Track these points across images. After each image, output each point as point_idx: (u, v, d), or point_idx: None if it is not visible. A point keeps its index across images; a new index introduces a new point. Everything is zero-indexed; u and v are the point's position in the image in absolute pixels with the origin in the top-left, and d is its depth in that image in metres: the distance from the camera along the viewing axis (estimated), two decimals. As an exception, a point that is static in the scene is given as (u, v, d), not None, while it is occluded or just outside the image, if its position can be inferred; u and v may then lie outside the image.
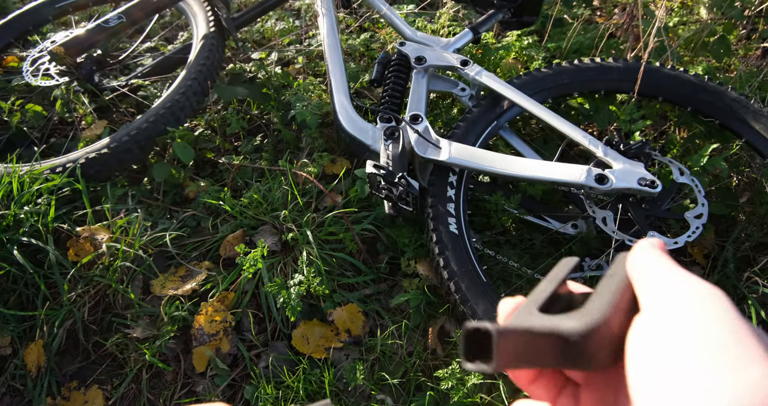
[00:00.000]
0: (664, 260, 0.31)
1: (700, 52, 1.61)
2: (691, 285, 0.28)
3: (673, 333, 0.26)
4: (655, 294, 0.29)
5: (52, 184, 1.36)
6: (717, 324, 0.25)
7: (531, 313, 0.31)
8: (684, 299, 0.27)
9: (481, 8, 1.57)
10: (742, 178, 1.41)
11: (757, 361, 0.23)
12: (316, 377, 1.11)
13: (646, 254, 0.32)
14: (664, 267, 0.30)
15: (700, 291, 0.27)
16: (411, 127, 1.22)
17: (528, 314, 0.31)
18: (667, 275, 0.29)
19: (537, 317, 0.31)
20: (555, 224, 1.28)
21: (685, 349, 0.25)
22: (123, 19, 1.63)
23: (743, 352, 0.24)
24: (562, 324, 0.29)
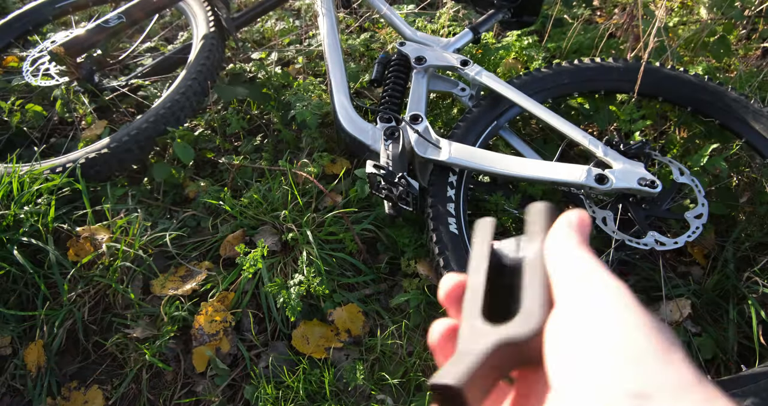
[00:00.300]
0: (579, 247, 0.32)
1: (700, 52, 1.61)
2: (598, 280, 0.29)
3: (582, 329, 0.27)
4: (567, 289, 0.30)
5: (52, 184, 1.36)
6: (621, 321, 0.27)
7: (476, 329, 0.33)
8: (591, 296, 0.28)
9: (481, 8, 1.57)
10: (742, 178, 1.41)
11: (655, 355, 0.25)
12: (316, 377, 1.11)
13: (562, 241, 0.33)
14: (575, 258, 0.31)
15: (606, 287, 0.29)
16: (411, 127, 1.22)
17: (475, 333, 0.33)
18: (577, 268, 0.30)
19: (485, 333, 0.33)
20: (555, 224, 1.28)
21: (592, 345, 0.26)
22: (123, 19, 1.63)
23: (643, 347, 0.25)
24: (511, 333, 0.31)
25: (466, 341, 0.34)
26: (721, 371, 1.13)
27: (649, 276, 1.25)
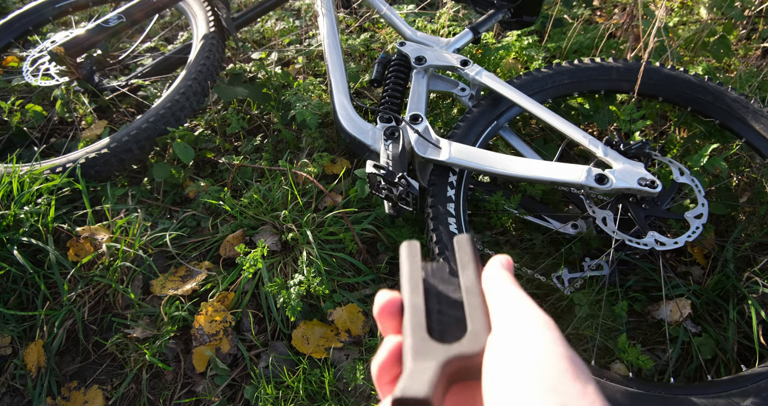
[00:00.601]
0: (508, 284, 0.38)
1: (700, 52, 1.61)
2: (529, 315, 0.34)
3: (513, 357, 0.32)
4: (504, 320, 0.35)
5: (52, 185, 1.36)
6: (544, 354, 0.31)
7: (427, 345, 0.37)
8: (523, 331, 0.33)
9: (481, 8, 1.57)
10: (742, 178, 1.41)
11: (573, 385, 0.30)
12: (316, 377, 1.11)
13: (498, 276, 0.39)
14: (511, 293, 0.37)
15: (536, 322, 0.34)
16: (411, 127, 1.22)
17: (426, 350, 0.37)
18: (514, 302, 0.36)
19: (436, 349, 0.36)
20: (555, 224, 1.28)
21: (520, 372, 0.31)
22: (123, 19, 1.63)
23: (562, 378, 0.30)
24: (463, 350, 0.36)
25: (417, 356, 0.36)
26: (721, 371, 1.13)
27: (649, 276, 1.25)
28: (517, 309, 0.35)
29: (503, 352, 0.33)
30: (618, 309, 1.15)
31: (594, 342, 1.13)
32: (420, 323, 0.38)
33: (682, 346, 1.16)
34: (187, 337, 1.22)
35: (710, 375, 1.11)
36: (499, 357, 0.33)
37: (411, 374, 0.35)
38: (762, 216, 1.30)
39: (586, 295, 1.17)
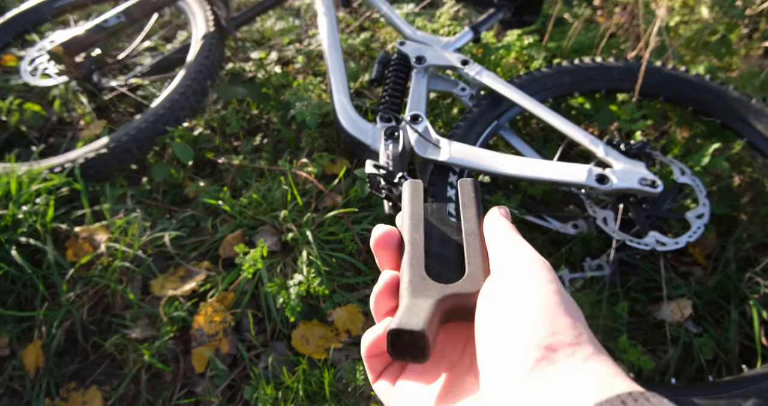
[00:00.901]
0: (508, 230, 0.39)
1: (701, 51, 1.60)
2: (526, 257, 0.36)
3: (508, 295, 0.34)
4: (500, 262, 0.37)
5: (50, 184, 1.36)
6: (538, 290, 0.33)
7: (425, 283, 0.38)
8: (519, 270, 0.35)
9: (481, 7, 1.56)
10: (744, 178, 1.41)
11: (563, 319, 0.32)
12: (316, 378, 1.11)
13: (498, 222, 0.40)
14: (508, 238, 0.38)
15: (531, 261, 0.35)
16: (411, 127, 1.21)
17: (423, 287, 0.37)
18: (510, 245, 0.37)
19: (433, 288, 0.37)
20: (555, 224, 1.27)
21: (514, 308, 0.33)
22: (122, 18, 1.62)
23: (553, 311, 0.32)
24: (463, 290, 0.37)
25: (415, 293, 0.37)
26: (722, 372, 1.13)
27: (650, 276, 1.24)
28: (515, 251, 0.37)
29: (499, 291, 0.35)
30: (619, 309, 1.15)
31: (595, 343, 1.13)
32: (419, 260, 0.39)
33: (684, 346, 1.15)
34: (186, 337, 1.22)
35: (712, 376, 1.11)
36: (494, 296, 0.35)
37: (407, 308, 0.36)
38: (764, 216, 1.30)
39: (587, 295, 1.16)
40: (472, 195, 0.42)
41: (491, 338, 0.33)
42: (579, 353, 0.30)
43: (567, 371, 0.30)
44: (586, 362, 0.30)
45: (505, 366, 0.32)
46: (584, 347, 0.31)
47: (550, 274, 0.35)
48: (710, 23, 1.57)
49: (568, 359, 0.30)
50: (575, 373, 0.29)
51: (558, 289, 0.34)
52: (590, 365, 0.30)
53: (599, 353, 0.31)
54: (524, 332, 0.32)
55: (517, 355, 0.31)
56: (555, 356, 0.30)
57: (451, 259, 0.40)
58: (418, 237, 0.40)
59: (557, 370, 0.30)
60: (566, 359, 0.30)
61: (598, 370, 0.30)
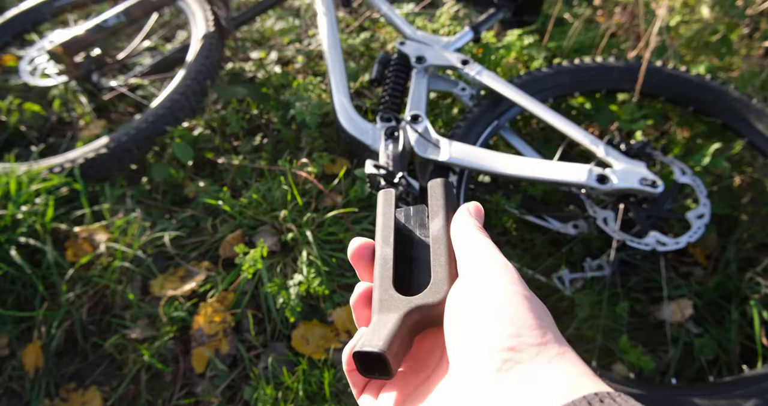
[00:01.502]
0: (473, 232, 0.39)
1: (701, 51, 1.60)
2: (490, 260, 0.36)
3: (475, 299, 0.34)
4: (466, 264, 0.37)
5: (50, 184, 1.36)
6: (502, 292, 0.34)
7: (390, 298, 0.38)
8: (482, 273, 0.36)
9: (481, 7, 1.56)
10: (745, 178, 1.41)
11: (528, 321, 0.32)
12: (316, 378, 1.11)
13: (464, 224, 0.40)
14: (473, 240, 0.39)
15: (495, 265, 0.36)
16: (411, 127, 1.21)
17: (389, 302, 0.38)
18: (474, 248, 0.38)
19: (398, 302, 0.38)
20: (556, 224, 1.27)
21: (481, 310, 0.33)
22: (122, 18, 1.62)
23: (517, 311, 0.32)
24: (426, 301, 0.37)
25: (382, 308, 0.38)
26: (723, 373, 1.13)
27: (651, 277, 1.24)
28: (479, 254, 0.37)
29: (464, 294, 0.36)
30: (619, 310, 1.15)
31: (595, 343, 1.13)
32: (387, 275, 0.40)
33: (684, 347, 1.15)
34: (186, 338, 1.21)
35: (712, 376, 1.10)
36: (460, 300, 0.36)
37: (372, 327, 0.37)
38: (764, 216, 1.30)
39: (587, 295, 1.16)
40: (441, 198, 0.42)
41: (458, 342, 0.34)
42: (544, 354, 0.30)
43: (532, 371, 0.30)
44: (551, 362, 0.30)
45: (472, 369, 0.32)
46: (549, 347, 0.31)
47: (513, 275, 0.35)
48: (711, 23, 1.57)
49: (533, 359, 0.30)
50: (541, 374, 0.29)
51: (521, 290, 0.34)
52: (556, 366, 0.30)
53: (566, 353, 0.31)
54: (489, 334, 0.32)
55: (483, 357, 0.31)
56: (520, 357, 0.30)
57: (428, 264, 0.40)
58: (388, 251, 0.41)
59: (522, 371, 0.30)
60: (531, 360, 0.30)
61: (564, 370, 0.30)
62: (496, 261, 0.36)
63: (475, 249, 0.38)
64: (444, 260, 0.39)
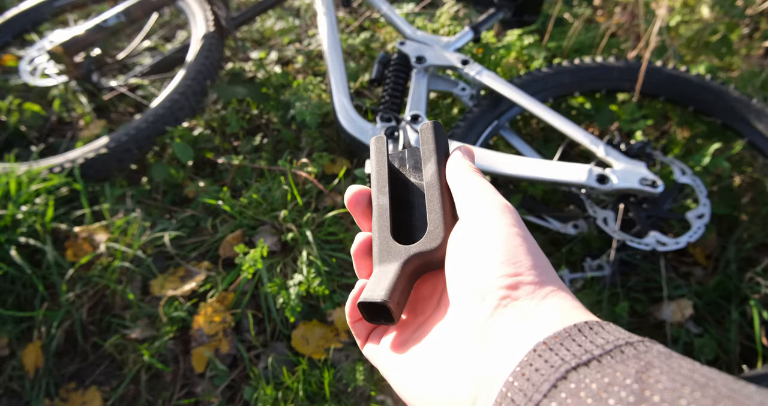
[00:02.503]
0: (469, 173, 0.40)
1: (701, 51, 1.60)
2: (488, 201, 0.37)
3: (474, 239, 0.35)
4: (465, 207, 0.38)
5: (50, 184, 1.36)
6: (500, 233, 0.34)
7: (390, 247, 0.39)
8: (482, 214, 0.36)
9: (481, 7, 1.56)
10: (745, 178, 1.41)
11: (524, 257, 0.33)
12: (316, 378, 1.11)
13: (459, 167, 0.40)
14: (470, 182, 0.39)
15: (493, 206, 0.36)
16: (411, 127, 1.21)
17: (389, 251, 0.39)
18: (472, 190, 0.38)
19: (397, 251, 0.38)
20: (556, 224, 1.27)
21: (480, 251, 0.34)
22: (122, 18, 1.62)
23: (515, 252, 0.33)
24: (423, 248, 0.38)
25: (382, 259, 0.39)
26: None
27: (651, 277, 1.24)
28: (477, 196, 0.38)
29: (464, 237, 0.36)
30: (619, 310, 1.15)
31: (595, 343, 1.12)
32: (385, 225, 0.40)
33: (684, 347, 1.15)
34: (186, 338, 1.21)
35: (712, 376, 1.10)
36: (460, 242, 0.36)
37: (374, 278, 0.38)
38: (764, 216, 1.30)
39: (588, 295, 1.16)
40: (432, 142, 0.42)
41: (458, 282, 0.35)
42: (540, 291, 0.32)
43: (528, 307, 0.31)
44: (546, 298, 0.31)
45: (470, 307, 0.33)
46: (546, 285, 0.32)
47: (512, 216, 0.36)
48: (711, 23, 1.57)
49: (529, 296, 0.31)
50: (536, 309, 0.31)
51: (519, 231, 0.35)
52: (550, 301, 0.31)
53: (560, 290, 0.32)
54: (487, 273, 0.33)
55: (481, 296, 0.33)
56: (516, 294, 0.32)
57: (424, 209, 0.41)
58: (383, 200, 0.41)
59: (518, 307, 0.31)
60: (527, 297, 0.31)
61: (558, 304, 0.31)
62: (495, 202, 0.37)
63: (473, 191, 0.38)
64: (439, 206, 0.39)
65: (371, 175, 0.43)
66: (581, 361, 0.27)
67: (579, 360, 0.27)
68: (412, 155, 0.44)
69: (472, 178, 0.39)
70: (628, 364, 0.26)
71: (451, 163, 0.41)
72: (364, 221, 0.44)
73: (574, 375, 0.26)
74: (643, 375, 0.25)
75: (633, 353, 0.26)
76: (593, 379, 0.26)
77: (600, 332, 0.28)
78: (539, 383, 0.27)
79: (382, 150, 0.44)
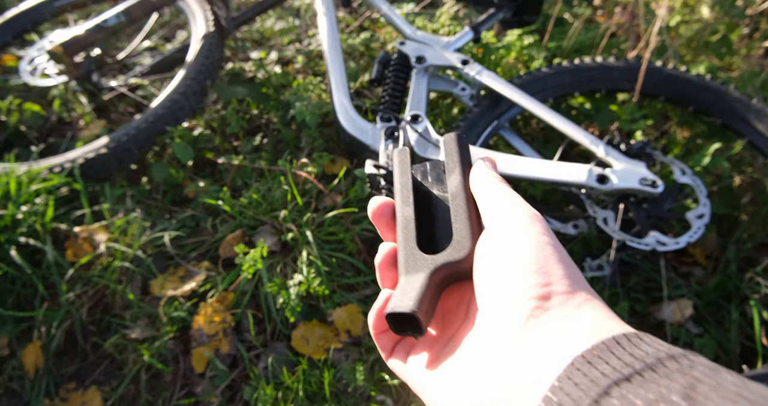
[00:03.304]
0: (495, 183, 0.39)
1: (701, 51, 1.60)
2: (516, 210, 0.36)
3: (502, 249, 0.35)
4: (493, 217, 0.37)
5: (50, 184, 1.36)
6: (530, 242, 0.34)
7: (416, 258, 0.39)
8: (510, 223, 0.36)
9: (481, 7, 1.56)
10: (745, 178, 1.41)
11: (555, 266, 0.32)
12: (316, 378, 1.11)
13: (484, 177, 0.40)
14: (496, 191, 0.38)
15: (523, 215, 0.36)
16: (411, 127, 1.21)
17: (415, 262, 0.38)
18: (499, 199, 0.38)
19: (423, 261, 0.38)
20: (556, 224, 1.27)
21: (509, 261, 0.34)
22: (122, 18, 1.62)
23: (546, 261, 0.33)
24: (450, 258, 0.37)
25: (408, 269, 0.39)
26: (723, 372, 1.12)
27: (651, 277, 1.24)
28: (505, 206, 0.37)
29: (493, 247, 0.36)
30: (619, 310, 1.15)
31: (595, 343, 1.12)
32: (410, 235, 0.40)
33: (684, 347, 1.15)
34: (186, 338, 1.21)
35: (712, 376, 1.10)
36: (489, 252, 0.36)
37: (401, 288, 0.37)
38: (764, 216, 1.30)
39: (588, 295, 1.16)
40: (456, 153, 0.42)
41: (488, 294, 0.34)
42: (572, 301, 0.31)
43: (561, 317, 0.30)
44: (579, 308, 0.30)
45: (502, 318, 0.32)
46: (578, 294, 0.31)
47: (541, 226, 0.35)
48: (711, 23, 1.57)
49: (562, 306, 0.31)
50: (569, 319, 0.30)
51: (550, 240, 0.34)
52: (584, 311, 0.30)
53: (593, 299, 0.31)
54: (518, 284, 0.32)
55: (513, 307, 0.32)
56: (548, 304, 0.31)
57: (449, 220, 0.41)
58: (408, 211, 0.41)
59: (551, 317, 0.30)
60: (560, 307, 0.31)
61: (592, 315, 0.30)
62: (524, 211, 0.36)
63: (500, 200, 0.38)
64: (464, 216, 0.39)
65: (395, 186, 0.43)
66: (623, 375, 0.26)
67: (620, 375, 0.26)
68: (434, 168, 0.44)
69: (499, 187, 0.39)
70: (673, 379, 0.25)
71: (476, 173, 0.41)
72: (388, 232, 0.43)
73: (616, 391, 0.25)
74: (691, 392, 0.24)
75: (676, 367, 0.25)
76: (637, 395, 0.24)
77: (639, 343, 0.27)
78: (580, 398, 0.26)
79: (405, 162, 0.44)
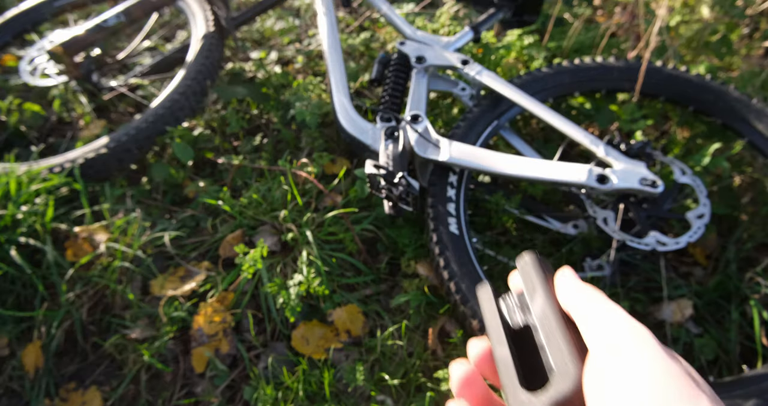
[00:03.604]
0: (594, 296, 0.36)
1: (701, 51, 1.60)
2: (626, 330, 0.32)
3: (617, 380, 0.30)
4: (597, 339, 0.33)
5: (50, 184, 1.36)
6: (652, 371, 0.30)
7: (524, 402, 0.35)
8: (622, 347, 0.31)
9: (481, 7, 1.56)
10: (745, 178, 1.41)
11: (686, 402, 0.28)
12: (316, 378, 1.11)
13: (575, 291, 0.37)
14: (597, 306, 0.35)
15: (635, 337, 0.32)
16: (411, 127, 1.21)
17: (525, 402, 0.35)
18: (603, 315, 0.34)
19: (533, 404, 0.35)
20: (556, 224, 1.27)
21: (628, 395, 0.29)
22: (122, 18, 1.62)
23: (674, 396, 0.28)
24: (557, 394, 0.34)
25: None
26: (723, 373, 1.13)
27: (651, 277, 1.24)
28: (610, 324, 0.33)
29: (607, 375, 0.31)
30: (619, 310, 1.15)
31: (595, 343, 1.12)
32: (511, 376, 0.37)
33: (684, 347, 1.15)
34: (186, 338, 1.21)
35: (712, 377, 1.10)
36: (603, 381, 0.31)
37: None
38: (764, 216, 1.30)
39: (588, 295, 1.16)
40: (534, 274, 0.40)
41: None
42: None
43: None
44: None
45: None
46: None
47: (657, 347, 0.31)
48: (711, 23, 1.57)
49: None
50: None
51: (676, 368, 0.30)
52: None
53: None
54: None
55: None
56: None
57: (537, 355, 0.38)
58: (504, 351, 0.39)
59: None
60: None
61: None
62: (635, 331, 0.32)
63: (603, 317, 0.34)
64: (561, 341, 0.35)
65: (486, 325, 0.41)
66: None
67: None
68: (521, 299, 0.42)
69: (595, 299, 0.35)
70: None
71: (564, 287, 0.37)
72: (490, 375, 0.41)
73: None
74: None
75: None
76: None
77: None
78: None
79: (490, 298, 0.42)
